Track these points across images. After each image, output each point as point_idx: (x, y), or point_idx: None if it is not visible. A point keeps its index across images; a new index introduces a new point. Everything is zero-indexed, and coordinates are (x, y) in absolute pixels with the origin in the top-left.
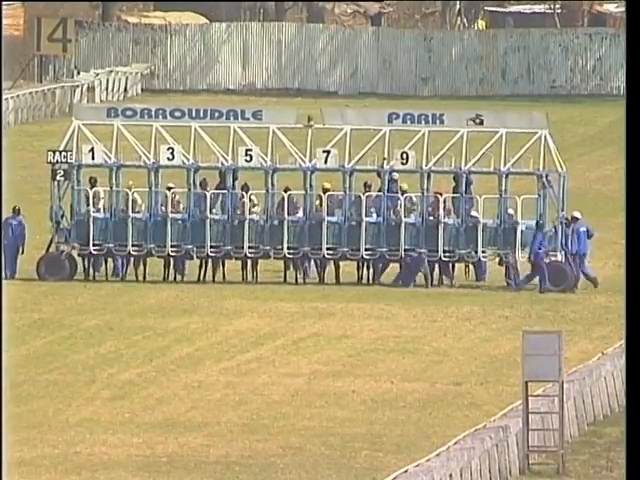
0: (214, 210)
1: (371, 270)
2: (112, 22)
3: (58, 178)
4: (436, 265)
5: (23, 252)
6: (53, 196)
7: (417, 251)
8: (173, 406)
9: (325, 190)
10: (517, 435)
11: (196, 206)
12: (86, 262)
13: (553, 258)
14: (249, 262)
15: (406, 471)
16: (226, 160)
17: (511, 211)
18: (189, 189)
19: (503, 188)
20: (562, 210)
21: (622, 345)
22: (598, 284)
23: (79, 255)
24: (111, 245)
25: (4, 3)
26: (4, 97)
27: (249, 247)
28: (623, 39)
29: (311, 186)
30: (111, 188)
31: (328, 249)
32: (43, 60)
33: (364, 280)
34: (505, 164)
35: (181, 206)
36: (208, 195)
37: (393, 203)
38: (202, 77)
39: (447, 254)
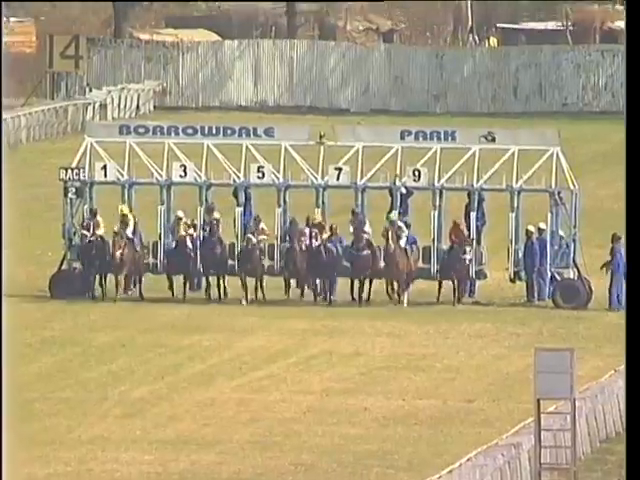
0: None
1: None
2: (124, 39)
3: (70, 196)
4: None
5: None
6: (65, 214)
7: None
8: (185, 423)
9: (316, 223)
10: (529, 452)
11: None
12: (100, 279)
13: (565, 275)
14: (257, 280)
15: None
16: (238, 177)
17: (542, 225)
18: (201, 206)
19: (515, 205)
20: (574, 227)
21: None
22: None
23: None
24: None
25: (13, 19)
26: (16, 114)
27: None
28: None
29: (323, 203)
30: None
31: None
32: (55, 77)
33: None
34: (517, 181)
35: (192, 231)
36: (217, 216)
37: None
38: (214, 94)
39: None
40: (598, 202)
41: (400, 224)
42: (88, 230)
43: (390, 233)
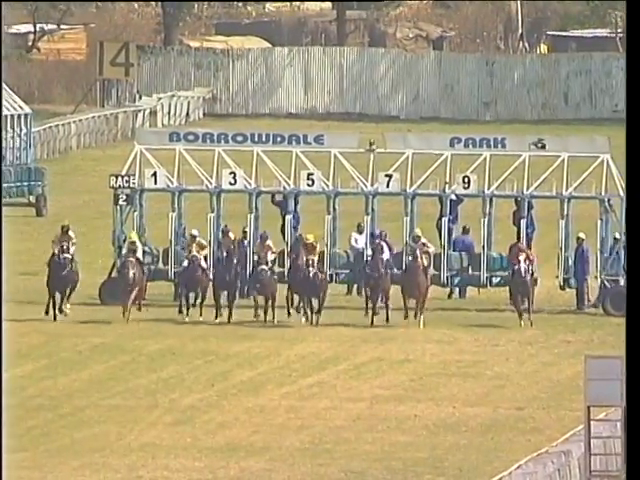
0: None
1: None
2: (174, 46)
3: (120, 203)
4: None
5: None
6: (115, 221)
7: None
8: (235, 430)
9: (307, 244)
10: (579, 460)
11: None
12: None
13: (615, 283)
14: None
15: None
16: (288, 185)
17: (582, 235)
18: (251, 213)
19: (565, 212)
20: (624, 234)
21: None
22: None
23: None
24: (174, 271)
25: (64, 26)
26: (66, 121)
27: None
28: None
29: (373, 210)
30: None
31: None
32: (105, 84)
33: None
34: (567, 188)
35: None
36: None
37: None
38: (264, 101)
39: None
40: None
41: (424, 240)
42: (67, 251)
43: (418, 251)
